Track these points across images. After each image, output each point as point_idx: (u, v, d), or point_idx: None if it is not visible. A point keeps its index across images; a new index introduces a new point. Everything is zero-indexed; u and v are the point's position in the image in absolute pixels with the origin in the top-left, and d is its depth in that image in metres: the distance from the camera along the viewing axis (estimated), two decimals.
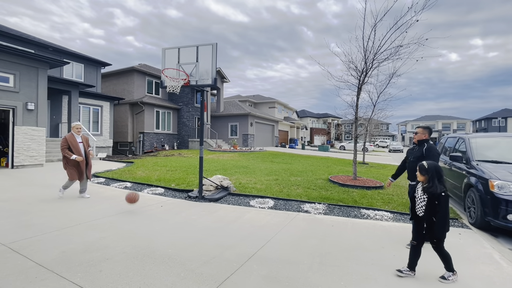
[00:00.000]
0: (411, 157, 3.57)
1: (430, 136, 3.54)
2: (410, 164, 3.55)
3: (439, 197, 2.35)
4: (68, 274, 2.40)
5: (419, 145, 3.53)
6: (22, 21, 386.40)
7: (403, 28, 6.42)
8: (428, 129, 3.56)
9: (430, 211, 2.40)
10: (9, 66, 8.73)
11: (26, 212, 4.24)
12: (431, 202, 2.38)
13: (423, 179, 2.46)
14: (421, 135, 3.53)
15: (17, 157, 8.89)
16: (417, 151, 3.50)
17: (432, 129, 3.73)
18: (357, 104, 7.68)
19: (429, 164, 2.45)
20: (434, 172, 2.40)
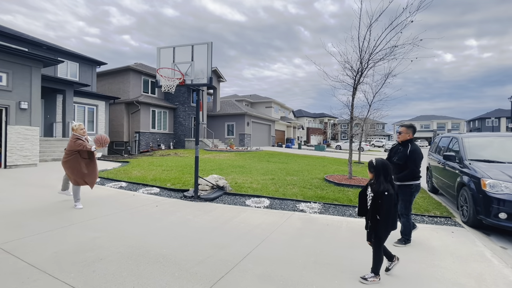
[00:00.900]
0: (395, 158, 3.39)
1: (414, 135, 3.37)
2: (394, 166, 3.32)
3: (381, 196, 2.27)
4: (61, 274, 2.38)
5: (403, 146, 3.34)
6: (16, 19, 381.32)
7: (398, 28, 6.48)
8: (412, 128, 3.38)
9: (373, 209, 2.33)
10: (2, 64, 8.60)
11: (18, 212, 4.19)
12: (375, 200, 2.32)
13: (372, 176, 2.42)
14: (405, 134, 3.35)
15: (10, 156, 8.78)
16: (402, 152, 3.32)
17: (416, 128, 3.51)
18: (352, 104, 7.72)
19: (377, 161, 2.38)
20: (381, 170, 2.34)
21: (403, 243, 3.24)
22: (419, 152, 3.24)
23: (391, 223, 2.32)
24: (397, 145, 3.50)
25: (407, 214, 3.26)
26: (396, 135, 3.53)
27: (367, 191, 2.47)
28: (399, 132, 3.43)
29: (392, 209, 2.29)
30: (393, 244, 3.20)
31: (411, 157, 3.21)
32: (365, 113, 11.81)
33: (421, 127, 59.12)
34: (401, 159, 3.29)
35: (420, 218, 4.43)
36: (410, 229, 3.27)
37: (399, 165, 3.29)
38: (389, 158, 3.51)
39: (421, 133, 57.45)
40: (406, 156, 3.24)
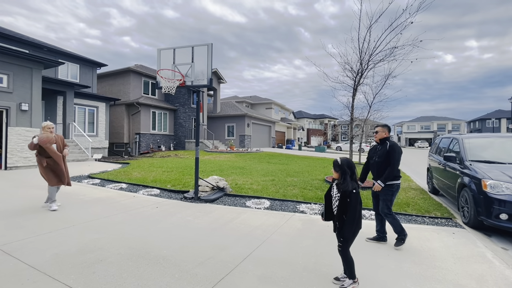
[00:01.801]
0: (376, 157, 3.46)
1: (389, 133, 3.51)
2: (375, 165, 3.45)
3: (350, 195, 2.20)
4: (61, 276, 2.37)
5: (382, 144, 3.44)
6: (17, 20, 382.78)
7: (398, 29, 6.50)
8: (387, 127, 3.52)
9: (341, 209, 2.25)
10: (3, 66, 8.63)
11: (19, 213, 4.19)
12: (343, 199, 2.23)
13: (337, 176, 2.32)
14: (382, 133, 3.46)
15: (11, 158, 8.79)
16: (381, 150, 3.40)
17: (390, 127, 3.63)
18: (352, 105, 7.73)
19: (342, 160, 2.31)
20: (346, 168, 2.28)
21: (402, 242, 3.21)
22: (397, 147, 3.30)
23: (357, 222, 2.24)
24: (376, 145, 3.59)
25: (390, 213, 3.28)
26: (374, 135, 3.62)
27: (332, 192, 2.38)
28: (376, 132, 3.54)
29: (358, 208, 2.22)
30: (395, 248, 3.15)
31: (391, 152, 3.27)
32: (366, 114, 11.81)
33: (422, 128, 59.08)
34: (381, 156, 3.37)
35: (421, 219, 4.42)
36: (400, 224, 3.27)
37: (380, 163, 3.35)
38: (370, 159, 3.58)
39: (422, 134, 57.41)
40: (386, 152, 3.31)
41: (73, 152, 12.04)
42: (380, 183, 3.26)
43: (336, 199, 2.31)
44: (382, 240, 3.38)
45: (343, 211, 2.24)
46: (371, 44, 6.88)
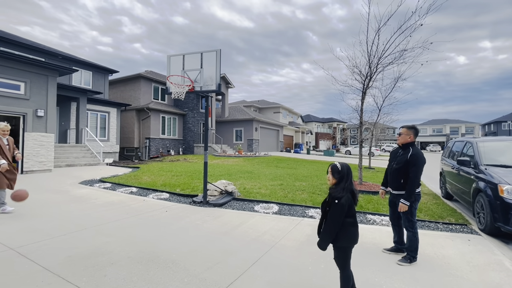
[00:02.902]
0: (394, 162, 3.12)
1: (416, 137, 3.09)
2: (392, 171, 3.12)
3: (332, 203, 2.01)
4: (74, 278, 2.42)
5: (404, 149, 3.07)
6: (33, 30, 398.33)
7: (408, 32, 6.41)
8: (413, 129, 3.09)
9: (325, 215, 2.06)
10: (21, 74, 8.99)
11: (34, 216, 4.31)
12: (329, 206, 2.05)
13: (334, 182, 2.09)
14: (406, 136, 3.06)
15: (27, 162, 9.08)
16: (402, 156, 3.04)
17: (419, 130, 3.18)
18: (361, 109, 7.64)
19: (342, 166, 2.09)
20: (345, 175, 2.06)
21: (408, 261, 2.89)
22: (421, 156, 2.94)
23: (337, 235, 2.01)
24: (397, 149, 3.23)
25: (412, 227, 2.93)
26: (396, 137, 3.26)
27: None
28: (399, 134, 3.14)
29: (337, 218, 1.98)
30: (397, 263, 2.90)
31: (412, 161, 2.90)
32: (375, 118, 11.64)
33: (433, 131, 57.77)
34: (399, 163, 3.02)
35: (434, 225, 4.30)
36: (417, 246, 2.93)
37: (397, 171, 3.05)
38: (389, 163, 3.27)
39: (434, 138, 56.09)
40: (406, 161, 2.95)
41: (85, 156, 12.34)
42: (405, 202, 2.87)
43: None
44: (400, 251, 3.12)
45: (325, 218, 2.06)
46: (380, 47, 6.81)
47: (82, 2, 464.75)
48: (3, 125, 4.58)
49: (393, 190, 3.13)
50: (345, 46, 27.02)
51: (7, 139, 4.65)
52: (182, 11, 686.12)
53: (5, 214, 4.38)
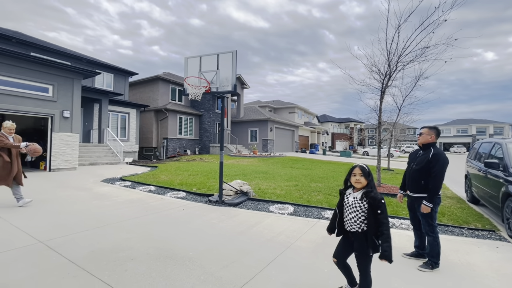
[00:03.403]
0: (414, 163, 3.01)
1: (437, 138, 2.96)
2: (411, 172, 3.01)
3: (381, 205, 1.94)
4: (97, 272, 2.54)
5: (424, 149, 2.97)
6: (60, 35, 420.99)
7: (430, 28, 6.15)
8: (435, 130, 2.97)
9: (375, 221, 1.95)
10: (49, 77, 9.54)
11: (61, 212, 4.56)
12: (374, 211, 1.95)
13: (365, 183, 2.02)
14: (427, 136, 2.95)
15: (54, 161, 9.61)
16: (422, 157, 2.93)
17: (440, 130, 3.06)
18: (380, 108, 7.42)
19: (367, 166, 2.07)
20: (371, 175, 2.04)
21: (429, 267, 2.77)
22: (444, 156, 2.82)
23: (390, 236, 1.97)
24: (417, 150, 3.13)
25: (432, 231, 2.82)
26: (417, 137, 3.15)
27: (346, 202, 2.10)
28: (420, 134, 3.02)
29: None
30: (418, 268, 2.78)
31: (434, 161, 2.78)
32: (394, 118, 11.26)
33: (458, 132, 54.96)
34: (419, 163, 2.90)
35: (459, 231, 4.09)
36: (439, 251, 2.80)
37: (416, 172, 2.93)
38: (408, 164, 3.16)
39: (458, 138, 53.39)
40: (427, 161, 2.83)
41: (106, 155, 12.87)
42: (428, 204, 2.76)
43: (359, 210, 2.01)
44: (421, 256, 3.00)
45: (377, 224, 1.95)
46: (400, 45, 6.58)
47: (105, 8, 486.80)
48: (9, 124, 4.78)
49: (412, 193, 3.01)
50: (363, 44, 26.37)
51: (12, 138, 4.83)
52: (198, 13, 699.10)
53: (36, 209, 4.66)
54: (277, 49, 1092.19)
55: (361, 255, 2.04)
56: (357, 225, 2.02)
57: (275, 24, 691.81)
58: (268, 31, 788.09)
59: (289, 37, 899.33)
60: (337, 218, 2.17)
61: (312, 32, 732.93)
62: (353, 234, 2.05)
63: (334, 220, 2.21)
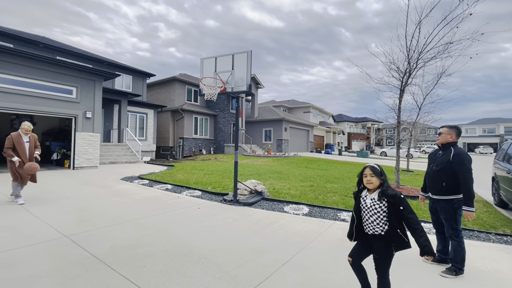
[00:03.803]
0: (434, 164, 2.89)
1: (458, 138, 2.82)
2: (431, 174, 2.89)
3: (402, 201, 1.87)
4: (117, 266, 2.63)
5: (444, 149, 2.84)
6: (83, 39, 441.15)
7: (454, 23, 5.87)
8: (456, 129, 2.84)
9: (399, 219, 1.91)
10: (73, 80, 10.01)
11: (83, 208, 4.77)
12: (396, 208, 1.89)
13: (379, 183, 1.96)
14: (446, 136, 2.82)
15: (77, 159, 10.08)
16: (442, 157, 2.80)
17: (461, 130, 2.89)
18: (399, 107, 7.17)
19: (379, 166, 2.02)
20: (385, 175, 1.98)
21: (453, 273, 2.63)
22: (466, 154, 2.69)
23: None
24: (437, 150, 3.00)
25: (457, 235, 2.69)
26: (436, 137, 3.01)
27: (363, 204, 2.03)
28: (439, 133, 2.90)
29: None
30: (440, 274, 2.64)
31: (456, 161, 2.65)
32: (414, 117, 10.83)
33: (484, 132, 52.07)
34: (440, 164, 2.77)
35: (485, 236, 3.88)
36: (463, 256, 2.66)
37: (437, 173, 2.81)
38: (427, 166, 3.04)
39: (484, 139, 50.60)
40: (447, 162, 2.71)
41: (126, 154, 13.32)
42: (469, 209, 2.59)
43: (377, 211, 1.95)
44: (444, 262, 2.87)
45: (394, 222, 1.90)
46: (421, 41, 6.32)
47: (124, 12, 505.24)
48: (26, 125, 5.08)
49: (434, 195, 2.88)
50: (381, 41, 25.58)
51: (28, 137, 5.13)
52: (213, 14, 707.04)
53: (62, 205, 4.91)
54: (292, 48, 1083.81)
55: (382, 257, 1.98)
56: (380, 227, 1.95)
57: (290, 23, 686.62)
58: (282, 30, 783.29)
59: (304, 35, 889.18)
60: (355, 223, 2.11)
61: (328, 30, 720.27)
62: (373, 236, 1.99)
63: (352, 225, 2.15)
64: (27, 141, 5.11)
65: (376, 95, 8.15)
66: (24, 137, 5.08)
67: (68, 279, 2.38)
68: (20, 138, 5.00)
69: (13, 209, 4.54)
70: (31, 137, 5.20)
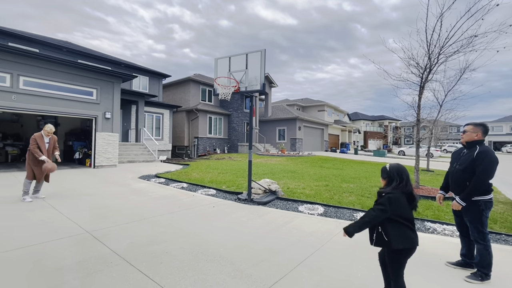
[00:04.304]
0: (457, 163, 2.77)
1: (484, 136, 2.66)
2: (454, 173, 2.76)
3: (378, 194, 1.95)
4: (136, 262, 2.71)
5: (469, 148, 2.71)
6: (102, 43, 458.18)
7: (479, 14, 5.56)
8: (482, 127, 2.68)
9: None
10: (94, 82, 10.42)
11: (103, 205, 4.96)
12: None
13: (384, 183, 1.99)
14: (472, 134, 2.68)
15: (98, 158, 10.49)
16: (466, 156, 2.68)
17: (488, 127, 2.73)
18: (419, 105, 6.91)
19: (390, 166, 1.98)
20: (395, 175, 1.92)
21: (479, 278, 2.51)
22: (492, 154, 2.54)
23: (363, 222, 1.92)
24: (461, 149, 2.86)
25: (483, 239, 2.56)
26: (460, 135, 2.86)
27: None
28: (464, 131, 2.77)
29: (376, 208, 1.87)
30: (465, 279, 2.53)
31: (479, 158, 2.52)
32: (435, 115, 10.39)
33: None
34: (463, 163, 2.65)
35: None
36: (490, 261, 2.53)
37: (460, 173, 2.67)
38: (450, 164, 2.90)
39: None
40: (471, 160, 2.58)
41: (143, 153, 13.70)
42: (460, 202, 2.58)
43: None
44: (468, 266, 2.73)
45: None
46: (443, 35, 6.04)
47: (141, 15, 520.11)
48: (49, 127, 5.37)
49: (457, 195, 2.74)
50: (399, 36, 24.69)
51: (49, 139, 5.43)
52: (227, 14, 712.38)
53: (84, 202, 5.12)
54: (306, 46, 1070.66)
55: (388, 260, 1.98)
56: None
57: (304, 21, 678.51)
58: (296, 28, 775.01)
59: (318, 33, 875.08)
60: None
61: (343, 26, 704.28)
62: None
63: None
64: (47, 142, 5.43)
65: (394, 92, 7.89)
66: (45, 138, 5.39)
67: (90, 273, 2.48)
68: (42, 138, 5.31)
69: (41, 206, 4.80)
70: (52, 138, 5.50)
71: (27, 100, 8.76)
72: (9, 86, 8.43)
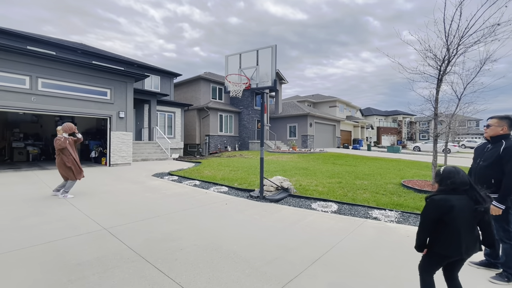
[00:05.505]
0: (481, 159, 2.61)
1: (511, 130, 2.50)
2: (478, 169, 2.61)
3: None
4: (151, 259, 2.75)
5: (494, 143, 2.56)
6: (114, 44, 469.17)
7: (502, 1, 5.27)
8: (508, 120, 2.50)
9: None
10: (108, 82, 10.66)
11: (119, 202, 5.08)
12: None
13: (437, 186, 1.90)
14: (497, 128, 2.53)
15: (113, 156, 10.76)
16: (491, 151, 2.53)
17: None
18: (436, 98, 6.65)
19: (444, 169, 1.85)
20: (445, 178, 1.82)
21: (505, 279, 2.40)
22: None
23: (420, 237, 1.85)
24: (485, 144, 2.71)
25: (509, 238, 2.44)
26: (484, 129, 2.70)
27: None
28: (487, 126, 2.62)
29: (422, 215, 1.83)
30: (490, 280, 2.44)
31: (507, 156, 2.37)
32: (453, 109, 9.97)
33: None
34: (488, 159, 2.51)
35: None
36: None
37: (484, 169, 2.53)
38: (473, 160, 2.75)
39: None
40: (497, 156, 2.44)
41: (156, 152, 13.95)
42: (498, 205, 2.37)
43: None
44: (493, 266, 2.61)
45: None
46: (462, 24, 5.76)
47: (151, 15, 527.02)
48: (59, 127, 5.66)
49: None
50: (414, 28, 23.77)
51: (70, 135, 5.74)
52: (236, 11, 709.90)
53: (100, 199, 5.27)
54: (316, 41, 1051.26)
55: None
56: None
57: (314, 15, 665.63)
58: (306, 23, 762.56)
59: (329, 27, 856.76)
60: None
61: (354, 20, 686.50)
62: None
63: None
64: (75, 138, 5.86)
65: (409, 86, 7.60)
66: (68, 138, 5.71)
67: (108, 269, 2.53)
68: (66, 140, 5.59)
69: (60, 203, 4.97)
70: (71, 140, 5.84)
71: (46, 101, 9.07)
72: (28, 88, 8.75)
